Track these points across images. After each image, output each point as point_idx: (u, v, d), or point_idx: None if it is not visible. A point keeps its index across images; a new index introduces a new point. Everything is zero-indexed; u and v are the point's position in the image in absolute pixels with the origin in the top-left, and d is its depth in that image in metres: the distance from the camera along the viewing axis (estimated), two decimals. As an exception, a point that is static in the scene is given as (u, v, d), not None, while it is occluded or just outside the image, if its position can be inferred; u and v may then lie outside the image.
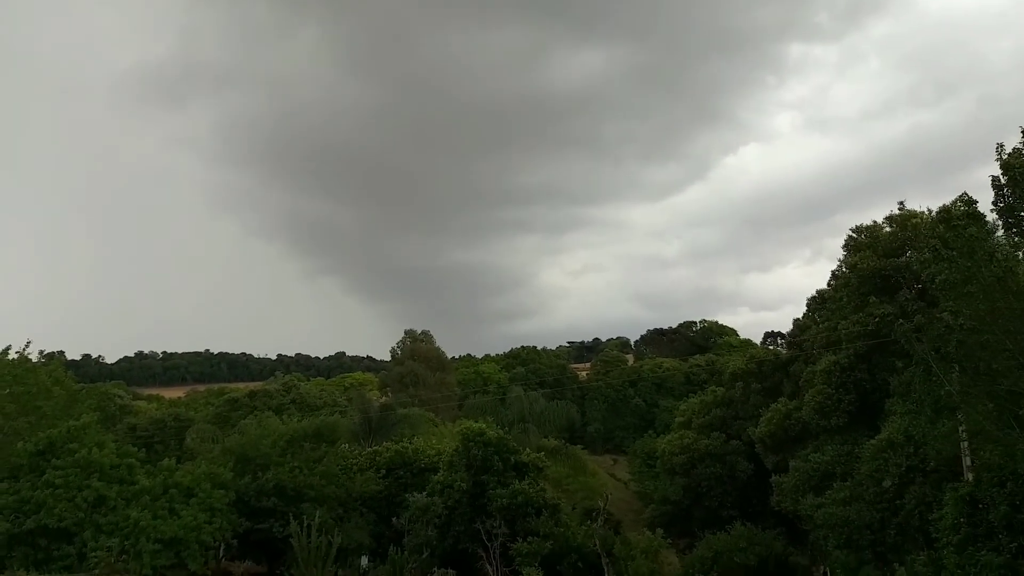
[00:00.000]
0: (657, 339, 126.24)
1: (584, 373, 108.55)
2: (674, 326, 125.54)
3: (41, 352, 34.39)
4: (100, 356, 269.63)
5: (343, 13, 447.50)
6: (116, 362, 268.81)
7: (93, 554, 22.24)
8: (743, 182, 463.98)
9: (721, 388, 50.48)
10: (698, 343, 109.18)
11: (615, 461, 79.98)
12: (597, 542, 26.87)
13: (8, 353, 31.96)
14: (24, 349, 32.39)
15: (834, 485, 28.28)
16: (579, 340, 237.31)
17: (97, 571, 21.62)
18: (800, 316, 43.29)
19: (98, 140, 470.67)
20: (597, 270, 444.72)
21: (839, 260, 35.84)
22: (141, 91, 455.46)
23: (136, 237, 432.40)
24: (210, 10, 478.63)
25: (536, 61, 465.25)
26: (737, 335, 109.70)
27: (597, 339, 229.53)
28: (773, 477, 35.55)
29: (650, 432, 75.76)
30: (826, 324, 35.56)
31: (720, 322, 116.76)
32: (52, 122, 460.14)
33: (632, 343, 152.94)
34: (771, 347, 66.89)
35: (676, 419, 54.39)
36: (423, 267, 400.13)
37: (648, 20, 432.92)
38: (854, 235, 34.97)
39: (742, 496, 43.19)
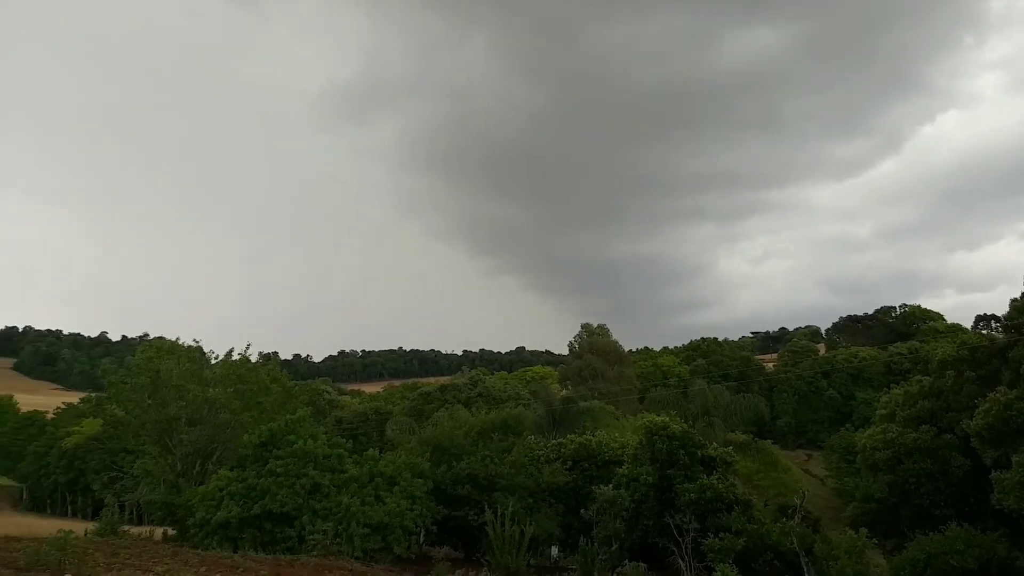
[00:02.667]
0: (851, 327, 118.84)
1: (771, 365, 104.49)
2: (870, 312, 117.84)
3: (260, 353, 38.11)
4: (309, 355, 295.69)
5: (510, 18, 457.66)
6: (322, 360, 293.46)
7: (311, 537, 24.34)
8: (943, 153, 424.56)
9: (928, 377, 46.55)
10: (898, 329, 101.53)
11: (809, 457, 76.49)
12: (795, 540, 25.78)
13: (232, 355, 35.70)
14: (245, 351, 36.07)
15: (1068, 484, 25.31)
16: (763, 330, 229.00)
17: (315, 552, 23.66)
18: (1018, 296, 39.09)
19: (298, 157, 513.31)
20: (780, 256, 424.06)
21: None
22: (333, 109, 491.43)
23: (334, 245, 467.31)
24: (390, 30, 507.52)
25: (703, 44, 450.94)
26: (943, 319, 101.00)
27: (783, 329, 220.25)
28: (993, 473, 32.33)
29: (847, 426, 71.67)
30: (1052, 304, 31.83)
31: (923, 306, 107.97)
32: (257, 144, 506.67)
33: (823, 332, 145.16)
34: (984, 332, 60.82)
35: (877, 411, 50.90)
36: (596, 260, 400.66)
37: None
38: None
39: (957, 494, 39.59)
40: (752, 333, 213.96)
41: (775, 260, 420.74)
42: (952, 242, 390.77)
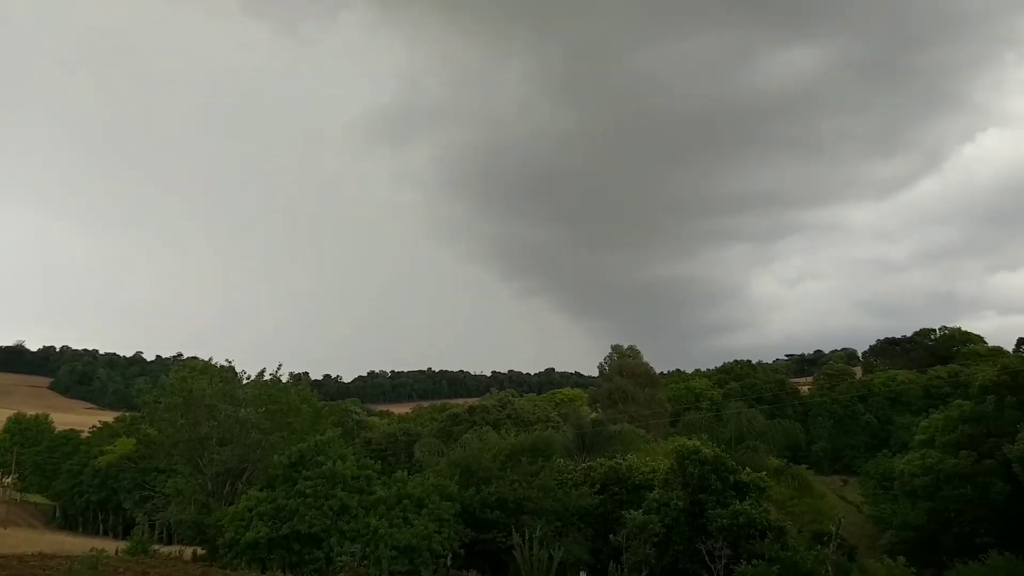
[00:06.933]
0: (889, 349, 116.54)
1: (806, 388, 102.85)
2: (908, 335, 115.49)
3: (290, 374, 38.29)
4: (339, 376, 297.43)
5: (544, 45, 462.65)
6: (352, 381, 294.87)
7: (339, 558, 24.29)
8: (984, 172, 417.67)
9: (968, 402, 45.54)
10: (938, 352, 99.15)
11: (845, 482, 74.97)
12: (830, 568, 25.15)
13: (263, 375, 35.96)
14: (276, 371, 36.33)
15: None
16: (798, 353, 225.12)
17: (343, 574, 23.59)
18: (1063, 319, 38.17)
19: (334, 180, 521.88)
20: (815, 277, 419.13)
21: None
22: (370, 133, 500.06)
23: (366, 267, 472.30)
24: (426, 57, 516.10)
25: (739, 65, 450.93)
26: (984, 342, 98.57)
27: (819, 351, 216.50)
28: (1037, 502, 31.44)
29: (884, 451, 70.14)
30: (1097, 328, 30.97)
31: (963, 328, 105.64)
32: (292, 167, 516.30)
33: (859, 355, 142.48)
34: (1028, 355, 59.32)
35: (916, 437, 49.90)
36: (628, 283, 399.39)
37: (862, 10, 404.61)
38: None
39: (998, 521, 38.52)
40: (787, 356, 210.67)
41: (810, 281, 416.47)
42: (993, 263, 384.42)
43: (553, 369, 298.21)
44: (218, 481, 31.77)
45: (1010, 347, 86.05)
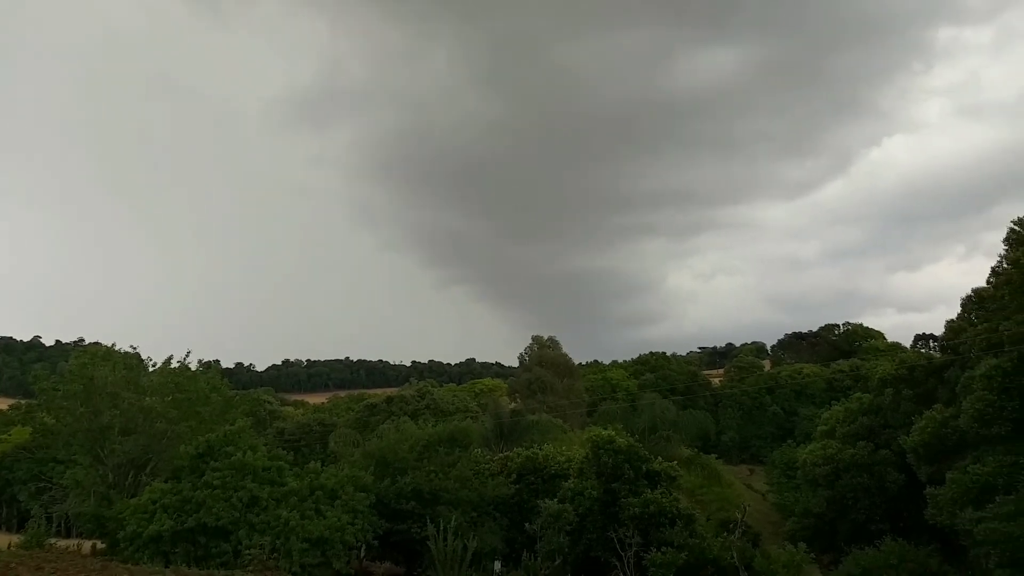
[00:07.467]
0: (796, 344, 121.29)
1: (717, 380, 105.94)
2: (814, 330, 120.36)
3: (200, 361, 36.84)
4: (251, 364, 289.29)
5: (470, 34, 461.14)
6: (265, 370, 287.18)
7: (247, 551, 23.62)
8: (889, 176, 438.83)
9: (868, 395, 47.81)
10: (841, 347, 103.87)
11: (751, 471, 77.47)
12: (735, 555, 25.99)
13: (171, 363, 34.60)
14: (185, 359, 34.96)
15: (996, 499, 26.10)
16: (711, 345, 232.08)
17: (251, 568, 22.97)
18: (954, 318, 40.45)
19: (250, 162, 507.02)
20: (729, 273, 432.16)
21: (1000, 256, 33.21)
22: (288, 115, 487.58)
23: (284, 252, 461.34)
24: (349, 39, 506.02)
25: (661, 64, 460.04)
26: (884, 338, 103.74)
27: (730, 344, 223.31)
28: (927, 489, 33.28)
29: (789, 441, 72.86)
30: (985, 325, 32.94)
31: (865, 325, 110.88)
32: (209, 148, 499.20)
33: (768, 348, 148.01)
34: (923, 351, 62.72)
35: (818, 427, 52.05)
36: (549, 274, 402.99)
37: (780, 14, 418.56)
38: (1017, 228, 32.31)
39: (892, 509, 40.61)
40: (700, 348, 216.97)
41: (724, 277, 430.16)
42: (894, 263, 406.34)
43: (474, 359, 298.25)
44: (120, 472, 30.45)
45: (908, 343, 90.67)
